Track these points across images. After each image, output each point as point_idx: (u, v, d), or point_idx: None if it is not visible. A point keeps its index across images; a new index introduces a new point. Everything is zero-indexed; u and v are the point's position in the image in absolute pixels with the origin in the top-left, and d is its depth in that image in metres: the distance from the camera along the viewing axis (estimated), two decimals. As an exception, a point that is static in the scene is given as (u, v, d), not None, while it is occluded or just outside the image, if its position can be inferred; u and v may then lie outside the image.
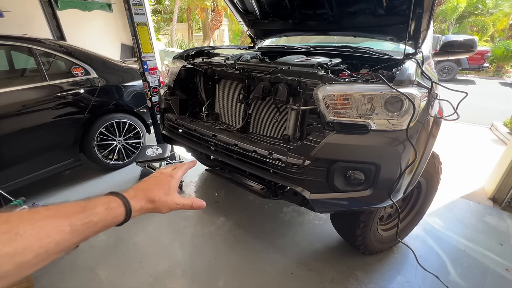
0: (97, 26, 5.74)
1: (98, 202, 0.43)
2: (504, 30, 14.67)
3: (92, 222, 0.40)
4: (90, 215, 0.40)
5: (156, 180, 0.55)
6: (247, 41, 12.54)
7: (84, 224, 0.39)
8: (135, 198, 0.49)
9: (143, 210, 0.50)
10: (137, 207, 0.48)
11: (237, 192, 2.54)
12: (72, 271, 1.76)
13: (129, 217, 0.47)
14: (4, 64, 2.52)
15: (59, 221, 0.37)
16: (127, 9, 2.31)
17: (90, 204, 0.42)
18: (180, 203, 0.55)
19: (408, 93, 1.08)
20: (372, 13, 1.75)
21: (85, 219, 0.40)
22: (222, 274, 1.74)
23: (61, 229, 0.37)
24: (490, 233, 2.06)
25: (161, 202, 0.52)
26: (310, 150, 1.18)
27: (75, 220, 0.39)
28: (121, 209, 0.45)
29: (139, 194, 0.50)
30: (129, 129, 2.94)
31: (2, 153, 2.17)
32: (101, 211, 0.42)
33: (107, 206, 0.44)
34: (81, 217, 0.39)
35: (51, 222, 0.36)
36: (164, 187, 0.54)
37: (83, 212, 0.40)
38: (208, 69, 1.77)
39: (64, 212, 0.39)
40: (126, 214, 0.46)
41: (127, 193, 0.49)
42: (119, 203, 0.46)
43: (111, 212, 0.44)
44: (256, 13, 2.24)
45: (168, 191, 0.54)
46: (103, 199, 0.45)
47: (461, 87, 6.27)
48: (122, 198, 0.46)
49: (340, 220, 1.72)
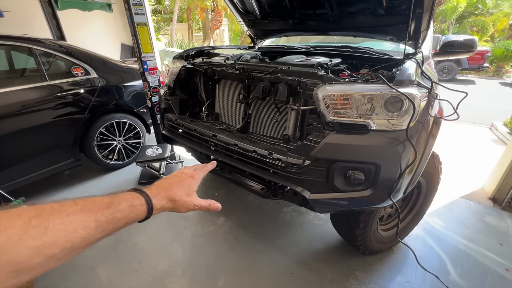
0: (97, 26, 5.74)
1: (122, 199, 0.44)
2: (504, 30, 14.67)
3: (116, 219, 0.41)
4: (114, 212, 0.41)
5: (178, 180, 0.56)
6: (247, 41, 12.54)
7: (108, 220, 0.40)
8: (157, 196, 0.49)
9: (163, 209, 0.51)
10: (159, 205, 0.49)
11: (237, 192, 2.54)
12: (72, 271, 1.76)
13: (151, 215, 0.47)
14: (4, 64, 2.52)
15: (86, 217, 0.38)
16: (127, 9, 2.31)
17: (115, 200, 0.43)
18: (198, 204, 0.56)
19: (408, 93, 1.08)
20: (372, 13, 1.75)
21: (109, 216, 0.40)
22: (222, 274, 1.74)
23: (87, 225, 0.37)
24: (490, 233, 2.06)
25: (181, 202, 0.53)
26: (310, 150, 1.18)
27: (101, 216, 0.39)
28: (143, 207, 0.46)
29: (161, 193, 0.51)
30: (129, 129, 2.94)
31: (2, 153, 2.17)
32: (124, 208, 0.43)
33: (131, 204, 0.44)
34: (106, 213, 0.40)
35: (78, 217, 0.37)
36: (186, 187, 0.55)
37: (108, 208, 0.41)
38: (208, 69, 1.77)
39: (90, 207, 0.39)
40: (148, 212, 0.47)
41: (150, 190, 0.49)
42: (142, 201, 0.46)
43: (134, 210, 0.44)
44: (256, 13, 2.24)
45: (189, 191, 0.55)
46: (127, 195, 0.45)
47: (461, 87, 6.27)
48: (145, 197, 0.47)
49: (340, 220, 1.72)
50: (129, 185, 2.74)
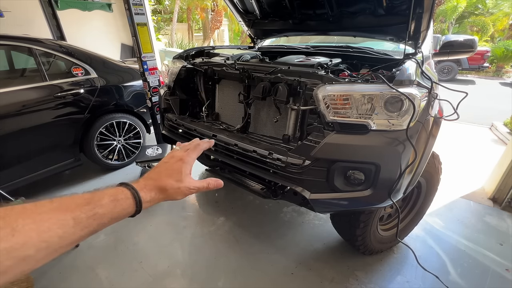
0: (97, 26, 5.74)
1: (105, 193, 0.42)
2: (504, 30, 14.67)
3: (98, 215, 0.39)
4: (95, 207, 0.39)
5: (166, 167, 0.52)
6: (247, 41, 12.54)
7: (89, 217, 0.38)
8: (144, 188, 0.47)
9: (155, 200, 0.48)
10: (147, 198, 0.46)
11: (237, 192, 2.54)
12: (72, 271, 1.76)
13: (140, 208, 0.45)
14: (4, 64, 2.52)
15: (62, 215, 0.36)
16: (127, 9, 2.32)
17: (96, 196, 0.41)
18: (195, 187, 0.52)
19: (408, 93, 1.08)
20: (372, 13, 1.75)
21: (89, 212, 0.38)
22: (222, 274, 1.74)
23: (64, 223, 0.36)
24: (490, 233, 2.06)
25: (173, 190, 0.50)
26: (310, 150, 1.18)
27: (79, 213, 0.37)
28: (129, 201, 0.44)
29: (149, 184, 0.48)
30: (129, 129, 2.94)
31: (2, 153, 2.17)
32: (107, 203, 0.41)
33: (114, 198, 0.42)
34: (85, 209, 0.38)
35: (53, 216, 0.35)
36: (175, 173, 0.51)
37: (87, 204, 0.39)
38: (208, 69, 1.77)
39: (67, 205, 0.38)
40: (136, 206, 0.44)
41: (137, 183, 0.47)
42: (128, 194, 0.44)
43: (119, 204, 0.42)
44: (256, 13, 2.24)
45: (180, 177, 0.51)
46: (111, 190, 0.43)
47: (461, 87, 6.27)
48: (131, 189, 0.45)
49: (340, 220, 1.72)
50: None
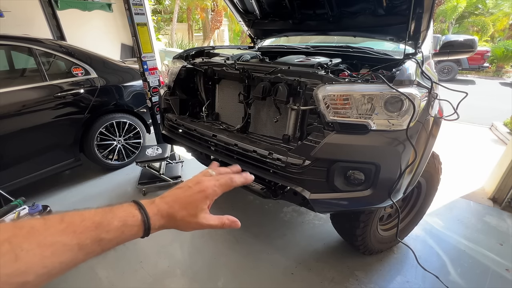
0: (97, 26, 5.74)
1: (115, 215, 0.40)
2: (504, 30, 14.67)
3: (105, 241, 0.38)
4: (102, 233, 0.37)
5: (186, 194, 0.48)
6: (247, 41, 12.53)
7: (94, 242, 0.37)
8: (157, 214, 0.44)
9: (163, 227, 0.46)
10: (157, 225, 0.44)
11: (237, 192, 2.54)
12: (72, 271, 1.74)
13: (148, 235, 0.43)
14: (4, 64, 2.52)
15: (69, 239, 0.34)
16: (127, 9, 2.31)
17: (106, 219, 0.39)
18: (208, 225, 0.48)
19: (408, 93, 1.08)
20: (372, 13, 1.75)
21: (96, 237, 0.37)
22: (222, 274, 1.74)
23: (68, 248, 0.34)
24: (490, 233, 2.06)
25: (183, 223, 0.47)
26: (310, 150, 1.18)
27: (85, 239, 0.36)
28: (137, 228, 0.42)
29: (162, 210, 0.45)
30: (129, 129, 2.94)
31: (2, 153, 2.17)
32: (115, 229, 0.39)
33: (123, 223, 0.40)
34: (92, 234, 0.36)
35: (59, 240, 0.34)
36: (191, 207, 0.47)
37: (96, 228, 0.37)
38: (208, 69, 1.77)
39: (76, 226, 0.36)
40: (144, 232, 0.43)
41: (151, 206, 0.45)
42: (138, 221, 0.42)
43: (127, 231, 0.40)
44: (256, 13, 2.24)
45: (195, 211, 0.47)
46: (122, 212, 0.41)
47: (461, 87, 6.27)
48: (143, 214, 0.42)
49: (340, 220, 1.72)
50: (129, 185, 2.74)
